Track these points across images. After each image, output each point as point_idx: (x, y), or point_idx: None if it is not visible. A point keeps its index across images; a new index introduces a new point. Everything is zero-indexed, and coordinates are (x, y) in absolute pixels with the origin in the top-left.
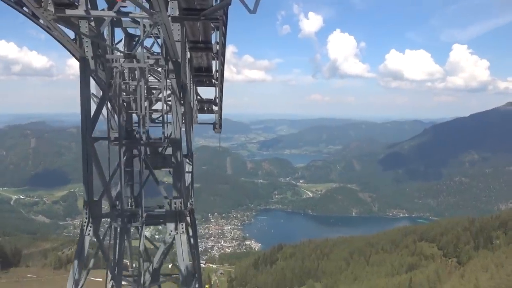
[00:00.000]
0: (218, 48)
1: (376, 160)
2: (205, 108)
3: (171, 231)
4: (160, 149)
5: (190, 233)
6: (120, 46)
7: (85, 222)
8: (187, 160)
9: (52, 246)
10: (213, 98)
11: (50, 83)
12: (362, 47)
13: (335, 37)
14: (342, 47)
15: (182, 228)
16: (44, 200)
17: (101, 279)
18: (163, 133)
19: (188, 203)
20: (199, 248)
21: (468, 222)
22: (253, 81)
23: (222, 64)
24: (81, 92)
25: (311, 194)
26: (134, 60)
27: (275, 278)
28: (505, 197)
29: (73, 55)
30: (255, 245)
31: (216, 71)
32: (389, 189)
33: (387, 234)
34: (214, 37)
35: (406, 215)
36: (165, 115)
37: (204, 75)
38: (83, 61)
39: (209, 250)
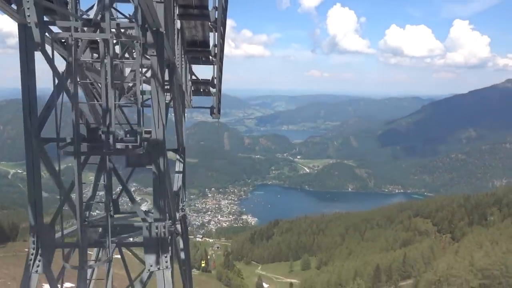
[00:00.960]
0: (216, 15)
1: (374, 136)
2: (201, 90)
3: (151, 265)
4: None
5: (181, 245)
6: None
7: (32, 254)
8: (178, 157)
9: (50, 220)
10: (210, 78)
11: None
12: (362, 22)
13: (335, 12)
14: (342, 22)
15: (166, 261)
16: (42, 174)
17: None
18: (138, 132)
19: (178, 211)
20: (197, 223)
21: (463, 198)
22: (251, 56)
23: (222, 37)
24: (22, 75)
25: (308, 170)
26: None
27: (271, 252)
28: (500, 174)
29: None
30: (252, 220)
31: (214, 45)
32: (385, 165)
33: (382, 210)
34: (212, 2)
35: (402, 191)
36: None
37: (200, 51)
38: (22, 30)
39: (206, 225)
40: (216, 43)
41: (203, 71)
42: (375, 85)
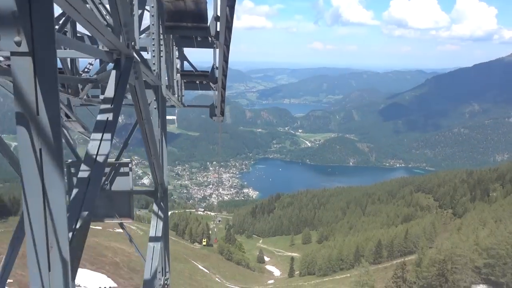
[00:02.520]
0: None
1: (376, 110)
2: (197, 82)
3: None
4: None
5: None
6: None
7: None
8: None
9: None
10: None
11: None
12: None
13: None
14: None
15: None
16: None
17: None
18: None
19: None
20: (198, 196)
21: (466, 174)
22: (252, 27)
23: (231, 7)
24: None
25: (309, 144)
26: None
27: (272, 226)
28: (503, 148)
29: None
30: (253, 193)
31: (216, 19)
32: (387, 139)
33: (384, 185)
34: None
35: (403, 165)
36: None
37: (190, 27)
38: None
39: (208, 198)
40: (217, 14)
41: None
42: (379, 58)
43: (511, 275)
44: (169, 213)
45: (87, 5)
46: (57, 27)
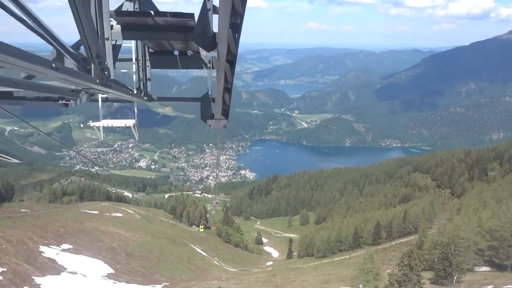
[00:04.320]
0: None
1: (372, 90)
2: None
3: None
4: None
5: None
6: None
7: None
8: None
9: (49, 177)
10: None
11: (36, 10)
12: None
13: None
14: None
15: None
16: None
17: None
18: None
19: None
20: (195, 178)
21: (464, 153)
22: (247, 8)
23: None
24: None
25: (305, 125)
26: None
27: (269, 208)
28: (498, 127)
29: None
30: (250, 175)
31: None
32: (383, 119)
33: (381, 165)
34: None
35: (399, 145)
36: None
37: None
38: None
39: (205, 180)
40: None
41: None
42: (375, 37)
43: None
44: (166, 196)
45: None
46: None
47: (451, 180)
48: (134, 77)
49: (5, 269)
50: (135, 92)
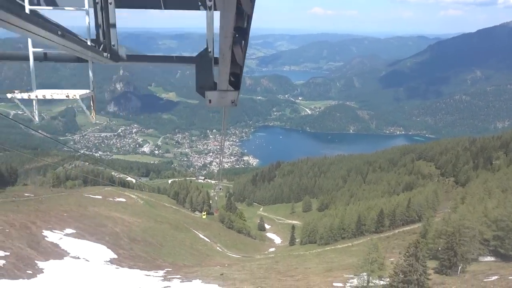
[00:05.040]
0: None
1: (377, 77)
2: None
3: None
4: None
5: None
6: None
7: None
8: None
9: (53, 161)
10: None
11: None
12: None
13: None
14: None
15: None
16: (43, 116)
17: None
18: None
19: None
20: (199, 164)
21: (468, 141)
22: None
23: None
24: None
25: (309, 111)
26: None
27: (272, 194)
28: (504, 115)
29: None
30: (253, 161)
31: None
32: (388, 107)
33: (385, 153)
34: None
35: (403, 132)
36: None
37: None
38: None
39: (208, 166)
40: None
41: None
42: (380, 23)
43: None
44: (170, 181)
45: None
46: None
47: (455, 169)
48: (87, 19)
49: (8, 253)
50: (89, 44)
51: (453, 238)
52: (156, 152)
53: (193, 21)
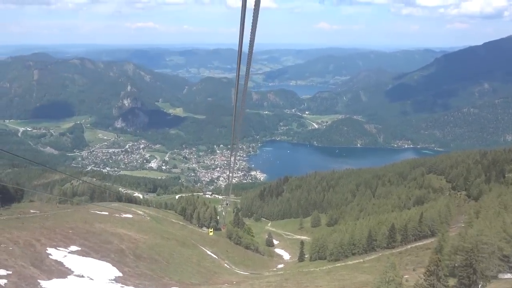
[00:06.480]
0: None
1: (384, 91)
2: None
3: None
4: None
5: None
6: None
7: None
8: None
9: (61, 178)
10: None
11: (48, 12)
12: None
13: None
14: None
15: None
16: (51, 132)
17: None
18: None
19: None
20: (206, 179)
21: (480, 154)
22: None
23: None
24: None
25: (316, 126)
26: None
27: (280, 209)
28: None
29: None
30: (261, 176)
31: None
32: (395, 120)
33: (394, 166)
34: None
35: (411, 146)
36: None
37: None
38: None
39: (215, 181)
40: None
41: None
42: (386, 37)
43: None
44: (177, 196)
45: None
46: None
47: (467, 182)
48: None
49: (10, 272)
50: None
51: (471, 254)
52: (164, 167)
53: (200, 37)
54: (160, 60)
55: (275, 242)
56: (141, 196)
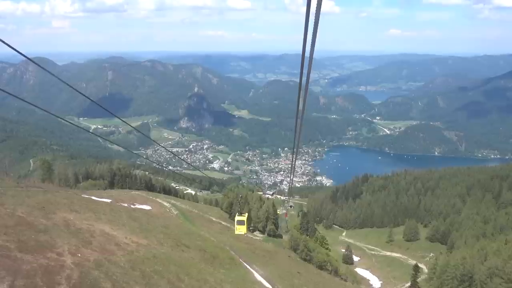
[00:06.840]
0: None
1: (465, 96)
2: None
3: None
4: None
5: None
6: None
7: None
8: None
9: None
10: None
11: (123, 20)
12: None
13: None
14: None
15: None
16: (120, 130)
17: None
18: None
19: None
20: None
21: None
22: (322, 13)
23: None
24: None
25: (388, 131)
26: None
27: (359, 215)
28: None
29: None
30: (327, 181)
31: None
32: (479, 127)
33: None
34: None
35: (498, 156)
36: None
37: None
38: None
39: (278, 184)
40: None
41: None
42: (464, 43)
43: None
44: None
45: None
46: None
47: None
48: None
49: None
50: None
51: None
52: (226, 168)
53: (267, 43)
54: (227, 65)
55: (355, 258)
56: (193, 193)
